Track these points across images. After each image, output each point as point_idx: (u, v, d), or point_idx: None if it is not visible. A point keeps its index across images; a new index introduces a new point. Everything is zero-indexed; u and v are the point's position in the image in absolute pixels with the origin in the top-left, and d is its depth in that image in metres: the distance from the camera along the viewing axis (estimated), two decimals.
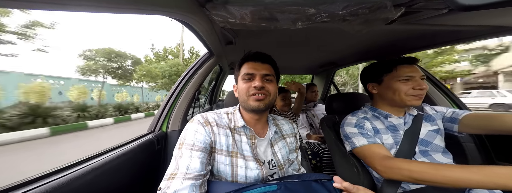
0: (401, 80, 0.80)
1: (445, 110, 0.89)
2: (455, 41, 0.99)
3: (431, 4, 0.56)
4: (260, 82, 0.61)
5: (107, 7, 0.42)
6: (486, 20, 0.73)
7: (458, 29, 0.82)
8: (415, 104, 0.79)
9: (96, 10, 0.43)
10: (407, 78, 0.79)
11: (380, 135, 0.85)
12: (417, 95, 0.79)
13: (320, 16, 0.58)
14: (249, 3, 0.53)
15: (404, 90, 0.79)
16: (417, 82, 0.78)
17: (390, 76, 0.83)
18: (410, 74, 0.79)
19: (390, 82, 0.83)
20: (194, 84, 1.09)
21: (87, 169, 0.51)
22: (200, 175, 0.51)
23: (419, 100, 0.79)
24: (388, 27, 0.79)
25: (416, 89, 0.78)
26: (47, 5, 0.36)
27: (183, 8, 0.55)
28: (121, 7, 0.44)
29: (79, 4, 0.38)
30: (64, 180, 0.44)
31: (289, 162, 0.74)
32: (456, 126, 0.81)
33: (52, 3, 0.35)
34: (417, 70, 0.80)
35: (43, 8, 0.37)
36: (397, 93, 0.81)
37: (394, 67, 0.82)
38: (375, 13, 0.56)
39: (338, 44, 1.23)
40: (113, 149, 0.67)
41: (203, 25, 0.69)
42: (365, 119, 0.89)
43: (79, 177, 0.48)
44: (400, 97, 0.81)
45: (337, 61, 1.82)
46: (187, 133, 0.60)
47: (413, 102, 0.79)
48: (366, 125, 0.86)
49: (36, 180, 0.43)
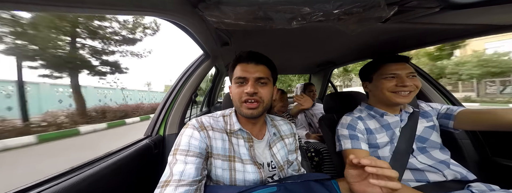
0: (387, 78, 0.81)
1: (440, 106, 0.90)
2: (447, 40, 1.01)
3: (423, 2, 0.57)
4: (252, 87, 0.58)
5: (98, 8, 0.42)
6: (475, 19, 0.74)
7: (450, 28, 0.83)
8: (400, 101, 0.79)
9: (88, 11, 0.42)
10: (392, 76, 0.80)
11: (373, 135, 0.85)
12: (400, 92, 0.78)
13: (315, 15, 0.58)
14: (243, 2, 0.52)
15: (387, 87, 0.80)
16: (401, 79, 0.78)
17: (377, 74, 0.85)
18: (395, 72, 0.79)
19: (377, 80, 0.85)
20: (190, 86, 1.08)
21: (83, 176, 0.49)
22: (195, 181, 0.50)
23: (403, 97, 0.78)
24: (382, 26, 0.80)
25: (399, 86, 0.78)
26: (40, 7, 0.35)
27: (175, 9, 0.54)
28: (110, 8, 0.44)
29: (73, 5, 0.38)
30: (60, 187, 0.43)
31: (288, 163, 0.73)
32: (451, 122, 0.81)
33: (46, 4, 0.35)
34: (404, 68, 0.80)
35: (36, 10, 0.36)
36: (380, 90, 0.82)
37: (381, 65, 0.84)
38: (369, 12, 0.56)
39: (334, 43, 1.24)
40: (110, 154, 0.66)
41: (196, 26, 0.68)
42: (359, 119, 0.89)
43: (75, 184, 0.46)
44: (384, 93, 0.81)
45: (334, 60, 1.83)
46: (182, 139, 0.58)
47: (397, 99, 0.79)
48: (358, 126, 0.87)
49: (32, 188, 0.42)
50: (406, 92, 0.78)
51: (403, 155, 0.78)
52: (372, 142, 0.84)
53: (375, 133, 0.86)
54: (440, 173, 0.75)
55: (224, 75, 2.28)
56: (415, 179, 0.77)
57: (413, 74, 0.80)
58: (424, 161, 0.77)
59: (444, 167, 0.76)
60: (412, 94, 0.80)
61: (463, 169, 0.77)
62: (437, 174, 0.75)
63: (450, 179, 0.74)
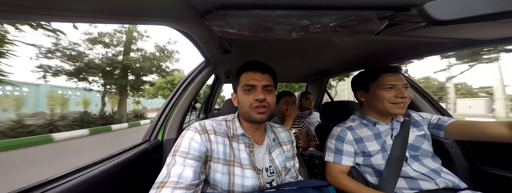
0: (385, 89, 0.83)
1: (430, 116, 0.92)
2: (434, 52, 1.08)
3: (410, 17, 0.62)
4: (262, 94, 0.62)
5: (109, 18, 0.43)
6: (457, 34, 0.81)
7: (436, 41, 0.90)
8: (398, 112, 0.82)
9: (98, 21, 0.43)
10: (391, 86, 0.82)
11: (364, 144, 0.87)
12: (399, 103, 0.81)
13: (313, 27, 0.63)
14: (248, 15, 0.57)
15: (387, 98, 0.82)
16: (400, 90, 0.81)
17: (375, 85, 0.87)
18: (393, 82, 0.82)
19: (375, 90, 0.86)
20: (191, 92, 1.10)
21: (84, 178, 0.49)
22: (192, 184, 0.49)
23: (401, 108, 0.81)
24: (375, 38, 0.85)
25: (399, 98, 0.80)
26: (47, 17, 0.36)
27: (185, 19, 0.57)
28: (124, 18, 0.44)
29: (80, 16, 0.38)
30: (60, 189, 0.43)
31: (286, 169, 0.74)
32: (441, 133, 0.84)
33: (52, 14, 0.35)
34: (400, 79, 0.83)
35: (43, 19, 0.37)
36: (380, 101, 0.84)
37: (379, 76, 0.86)
38: (362, 25, 0.61)
39: (330, 53, 1.30)
40: (108, 158, 0.65)
41: (201, 34, 0.72)
42: (349, 129, 0.92)
43: (76, 186, 0.46)
44: (384, 104, 0.83)
45: (330, 70, 1.90)
46: (183, 140, 0.58)
47: (396, 110, 0.81)
48: (347, 136, 0.90)
49: (32, 189, 0.42)
50: (404, 103, 0.81)
51: (396, 163, 0.80)
52: (365, 150, 0.86)
53: (365, 141, 0.88)
54: (432, 181, 0.76)
55: (223, 82, 2.30)
56: (408, 187, 0.77)
57: (407, 85, 0.84)
58: (418, 169, 0.79)
59: (436, 175, 0.77)
60: (407, 105, 0.83)
61: (454, 178, 0.78)
62: (430, 182, 0.76)
63: (442, 187, 0.76)
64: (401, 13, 0.58)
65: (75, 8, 0.35)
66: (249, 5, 0.53)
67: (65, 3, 0.33)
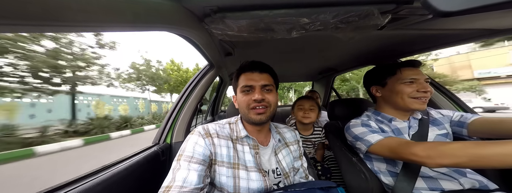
0: (406, 83, 0.79)
1: (452, 113, 0.87)
2: (445, 45, 1.02)
3: (415, 10, 0.60)
4: (260, 94, 0.61)
5: (110, 26, 0.42)
6: (471, 24, 0.76)
7: (446, 33, 0.85)
8: (419, 107, 0.78)
9: (100, 29, 0.43)
10: (412, 80, 0.79)
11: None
12: (421, 98, 0.78)
13: (313, 24, 0.62)
14: (246, 16, 0.57)
15: (408, 93, 0.79)
16: (422, 85, 0.78)
17: (394, 79, 0.83)
18: (414, 76, 0.79)
19: (394, 85, 0.83)
20: (196, 96, 1.12)
21: (99, 180, 0.52)
22: (197, 188, 0.49)
23: (423, 103, 0.78)
24: (380, 33, 0.83)
25: (421, 92, 0.77)
26: (46, 27, 0.35)
27: (184, 24, 0.58)
28: (124, 25, 0.44)
29: (81, 25, 0.38)
30: (78, 190, 0.46)
31: (294, 170, 0.73)
32: (464, 130, 0.78)
33: (51, 25, 0.34)
34: (421, 73, 0.80)
35: (42, 30, 0.36)
36: (400, 96, 0.80)
37: (398, 70, 0.82)
38: (364, 20, 0.59)
39: (335, 50, 1.27)
40: (120, 161, 0.68)
41: (202, 38, 0.73)
42: (370, 120, 0.87)
43: (91, 188, 0.49)
44: (404, 99, 0.80)
45: (336, 67, 1.86)
46: (187, 145, 0.59)
47: (416, 105, 0.78)
48: (372, 124, 0.85)
49: (52, 191, 0.44)
50: (425, 98, 0.77)
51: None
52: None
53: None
54: (455, 181, 0.71)
55: (228, 84, 2.33)
56: (428, 187, 0.73)
57: (428, 80, 0.80)
58: (437, 168, 0.74)
59: (460, 175, 0.72)
60: (427, 100, 0.79)
61: (482, 178, 0.72)
62: (452, 182, 0.71)
63: (468, 187, 0.70)
64: (404, 6, 0.55)
65: (72, 18, 0.35)
66: (246, 7, 0.53)
67: (60, 13, 0.32)
